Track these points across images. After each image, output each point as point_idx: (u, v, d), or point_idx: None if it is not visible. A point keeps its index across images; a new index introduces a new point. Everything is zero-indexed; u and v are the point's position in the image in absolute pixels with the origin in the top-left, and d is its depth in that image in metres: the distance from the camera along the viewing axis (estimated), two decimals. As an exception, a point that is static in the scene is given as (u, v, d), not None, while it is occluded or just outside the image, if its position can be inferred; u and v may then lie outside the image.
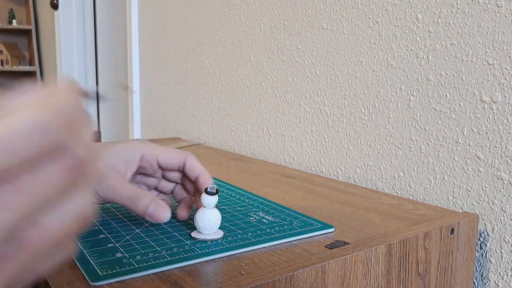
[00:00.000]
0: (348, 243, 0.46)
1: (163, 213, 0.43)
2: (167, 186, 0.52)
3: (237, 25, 1.05)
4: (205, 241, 0.45)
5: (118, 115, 2.20)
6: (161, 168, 0.50)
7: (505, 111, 0.57)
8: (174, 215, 0.53)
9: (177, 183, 0.52)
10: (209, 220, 0.44)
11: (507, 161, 0.57)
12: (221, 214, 0.46)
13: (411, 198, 0.69)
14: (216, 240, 0.45)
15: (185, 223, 0.50)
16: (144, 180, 0.51)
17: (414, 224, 0.53)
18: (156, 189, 0.53)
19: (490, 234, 0.59)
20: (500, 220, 0.58)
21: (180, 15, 1.28)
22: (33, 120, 0.19)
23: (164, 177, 0.52)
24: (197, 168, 0.48)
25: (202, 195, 0.44)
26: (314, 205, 0.60)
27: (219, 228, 0.47)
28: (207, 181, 0.47)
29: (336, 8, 0.79)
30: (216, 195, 0.45)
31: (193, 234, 0.46)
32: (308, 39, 0.85)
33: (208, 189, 0.44)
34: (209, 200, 0.44)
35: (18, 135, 0.18)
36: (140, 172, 0.50)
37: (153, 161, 0.48)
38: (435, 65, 0.64)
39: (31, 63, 3.15)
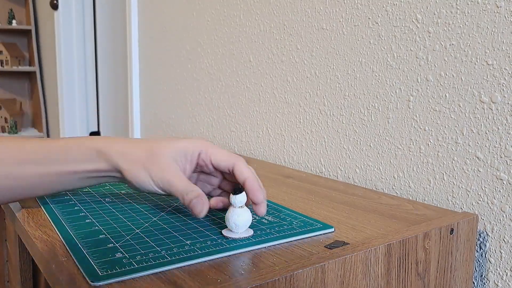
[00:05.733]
0: (348, 243, 0.46)
1: (200, 208, 0.47)
2: (228, 185, 0.56)
3: (237, 26, 1.05)
4: (234, 239, 0.46)
5: (118, 116, 2.20)
6: (214, 167, 0.53)
7: (504, 111, 0.57)
8: (175, 215, 0.53)
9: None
10: (237, 219, 0.46)
11: (506, 161, 0.57)
12: (251, 215, 0.47)
13: (410, 198, 0.69)
14: (246, 238, 0.46)
15: (185, 223, 0.50)
16: (208, 179, 0.56)
17: (413, 224, 0.53)
18: (219, 187, 0.57)
19: (490, 234, 0.59)
20: (500, 220, 0.58)
21: (179, 16, 1.28)
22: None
23: (224, 177, 0.56)
24: (244, 173, 0.50)
25: (230, 196, 0.47)
26: (313, 205, 0.60)
27: (249, 228, 0.48)
28: (251, 185, 0.49)
29: (335, 9, 0.79)
30: (242, 194, 0.46)
31: (224, 232, 0.47)
32: (307, 39, 0.85)
33: (234, 189, 0.47)
34: (234, 199, 0.46)
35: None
36: (200, 170, 0.54)
37: (207, 160, 0.52)
38: (435, 65, 0.64)
39: (31, 63, 3.15)
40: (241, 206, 0.46)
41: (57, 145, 0.51)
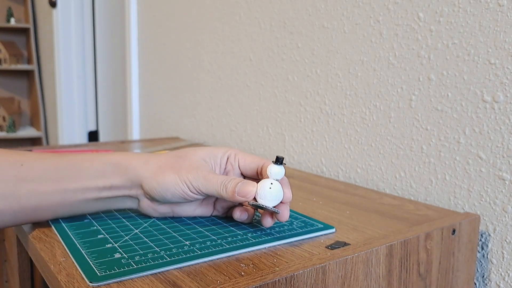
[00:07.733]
0: (349, 244, 0.46)
1: (249, 187, 0.45)
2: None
3: (237, 24, 1.04)
4: (262, 207, 0.45)
5: (116, 115, 2.19)
6: (241, 172, 0.51)
7: (506, 111, 0.57)
8: (175, 215, 0.52)
9: None
10: (271, 191, 0.45)
11: (508, 161, 0.57)
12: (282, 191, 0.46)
13: (412, 198, 0.68)
14: (273, 210, 0.45)
15: (184, 223, 0.49)
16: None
17: (415, 224, 0.53)
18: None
19: (492, 235, 0.59)
20: (502, 220, 0.58)
21: (179, 14, 1.28)
22: None
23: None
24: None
25: (269, 166, 0.46)
26: (314, 206, 0.60)
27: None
28: (284, 180, 0.48)
29: (337, 7, 0.79)
30: (281, 166, 0.46)
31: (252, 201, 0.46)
32: (308, 37, 0.85)
33: (276, 158, 0.46)
34: (271, 169, 0.46)
35: None
36: (226, 174, 0.52)
37: (235, 163, 0.51)
38: (437, 64, 0.64)
39: (29, 62, 3.14)
40: (277, 180, 0.46)
41: (65, 159, 0.47)
